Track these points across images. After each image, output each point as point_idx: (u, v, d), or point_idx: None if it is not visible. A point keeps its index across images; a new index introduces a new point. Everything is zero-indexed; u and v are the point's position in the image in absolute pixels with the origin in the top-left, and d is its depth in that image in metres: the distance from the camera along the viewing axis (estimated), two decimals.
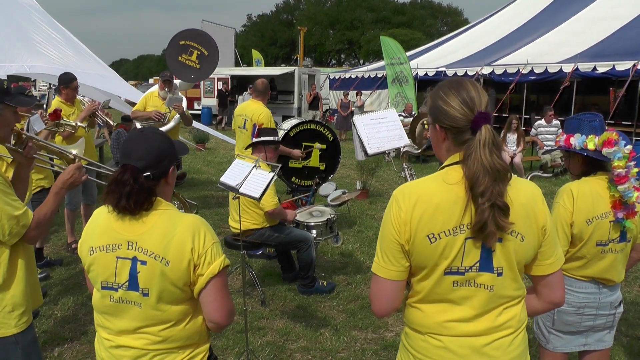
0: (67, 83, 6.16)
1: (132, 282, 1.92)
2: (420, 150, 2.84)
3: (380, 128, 3.67)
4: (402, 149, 2.81)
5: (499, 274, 1.75)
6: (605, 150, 2.60)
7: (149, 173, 1.91)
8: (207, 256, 1.91)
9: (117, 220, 1.94)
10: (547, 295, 1.89)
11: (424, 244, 1.72)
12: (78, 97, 6.56)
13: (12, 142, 2.60)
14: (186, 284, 1.91)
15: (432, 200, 1.72)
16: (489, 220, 1.65)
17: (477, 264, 1.74)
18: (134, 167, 1.90)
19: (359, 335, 4.46)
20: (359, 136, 3.65)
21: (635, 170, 2.61)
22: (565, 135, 2.77)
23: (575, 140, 2.70)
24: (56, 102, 6.25)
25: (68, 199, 6.36)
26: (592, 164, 2.71)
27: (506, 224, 1.68)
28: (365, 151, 3.60)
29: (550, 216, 1.84)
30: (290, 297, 5.18)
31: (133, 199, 1.88)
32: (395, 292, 1.83)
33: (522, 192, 1.76)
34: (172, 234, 1.90)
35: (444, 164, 1.81)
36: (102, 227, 1.98)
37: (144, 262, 1.90)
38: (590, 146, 2.65)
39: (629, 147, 2.60)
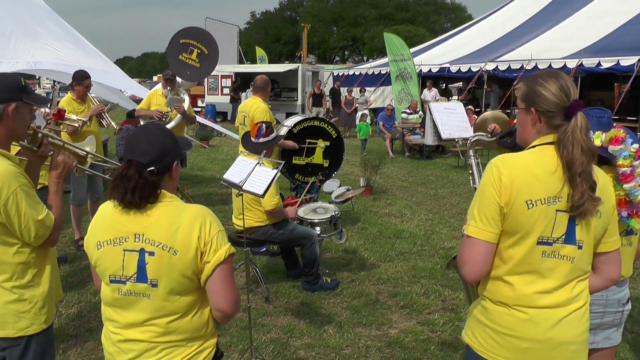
0: (79, 80, 6.18)
1: (141, 274, 1.95)
2: (496, 138, 2.85)
3: (451, 117, 3.72)
4: (471, 137, 2.85)
5: (580, 247, 1.93)
6: (611, 148, 2.56)
7: (153, 168, 1.94)
8: (213, 243, 1.94)
9: (123, 214, 1.97)
10: (606, 271, 2.05)
11: (522, 208, 1.87)
12: (90, 97, 6.55)
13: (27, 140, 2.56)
14: (194, 272, 1.94)
15: (531, 169, 1.90)
16: (587, 199, 1.84)
17: (563, 236, 1.91)
18: (138, 162, 1.94)
19: (362, 332, 4.45)
20: (433, 121, 3.69)
21: None
22: None
23: None
24: (67, 98, 6.24)
25: (72, 194, 6.38)
26: (597, 159, 2.68)
27: (598, 201, 1.87)
28: (438, 136, 3.63)
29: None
30: (294, 294, 5.18)
31: (138, 194, 1.91)
32: (489, 255, 1.95)
33: (599, 174, 1.95)
34: (178, 223, 1.93)
35: (534, 144, 1.98)
36: (108, 221, 2.01)
37: (151, 253, 1.93)
38: (597, 142, 2.61)
39: (636, 145, 2.56)
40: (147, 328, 1.98)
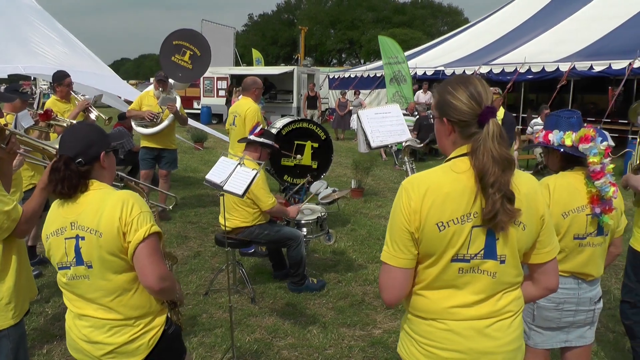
0: (59, 80, 6.32)
1: (78, 258, 2.17)
2: (422, 145, 2.92)
3: (384, 122, 3.73)
4: (404, 143, 2.89)
5: (502, 262, 1.83)
6: (581, 146, 2.63)
7: (80, 159, 2.16)
8: (133, 224, 2.11)
9: (61, 206, 2.21)
10: (544, 281, 1.98)
11: (433, 232, 1.79)
12: (74, 94, 6.59)
13: None
14: (121, 251, 2.14)
15: (441, 189, 1.79)
16: (500, 210, 1.73)
17: (482, 252, 1.81)
18: (66, 156, 2.16)
19: (346, 332, 4.48)
20: (363, 129, 3.72)
21: (612, 166, 2.65)
22: (544, 132, 2.80)
23: (554, 137, 2.74)
24: (52, 100, 6.36)
25: None
26: (569, 159, 2.75)
27: (515, 212, 1.76)
28: (368, 144, 3.66)
29: (547, 206, 1.92)
30: (280, 294, 5.20)
31: (67, 184, 2.13)
32: (405, 280, 1.88)
33: (523, 183, 1.84)
34: (103, 208, 2.13)
35: (450, 156, 1.89)
36: (52, 215, 2.25)
37: (82, 238, 2.15)
38: (568, 142, 2.68)
39: (605, 143, 2.64)
40: (96, 306, 2.20)
